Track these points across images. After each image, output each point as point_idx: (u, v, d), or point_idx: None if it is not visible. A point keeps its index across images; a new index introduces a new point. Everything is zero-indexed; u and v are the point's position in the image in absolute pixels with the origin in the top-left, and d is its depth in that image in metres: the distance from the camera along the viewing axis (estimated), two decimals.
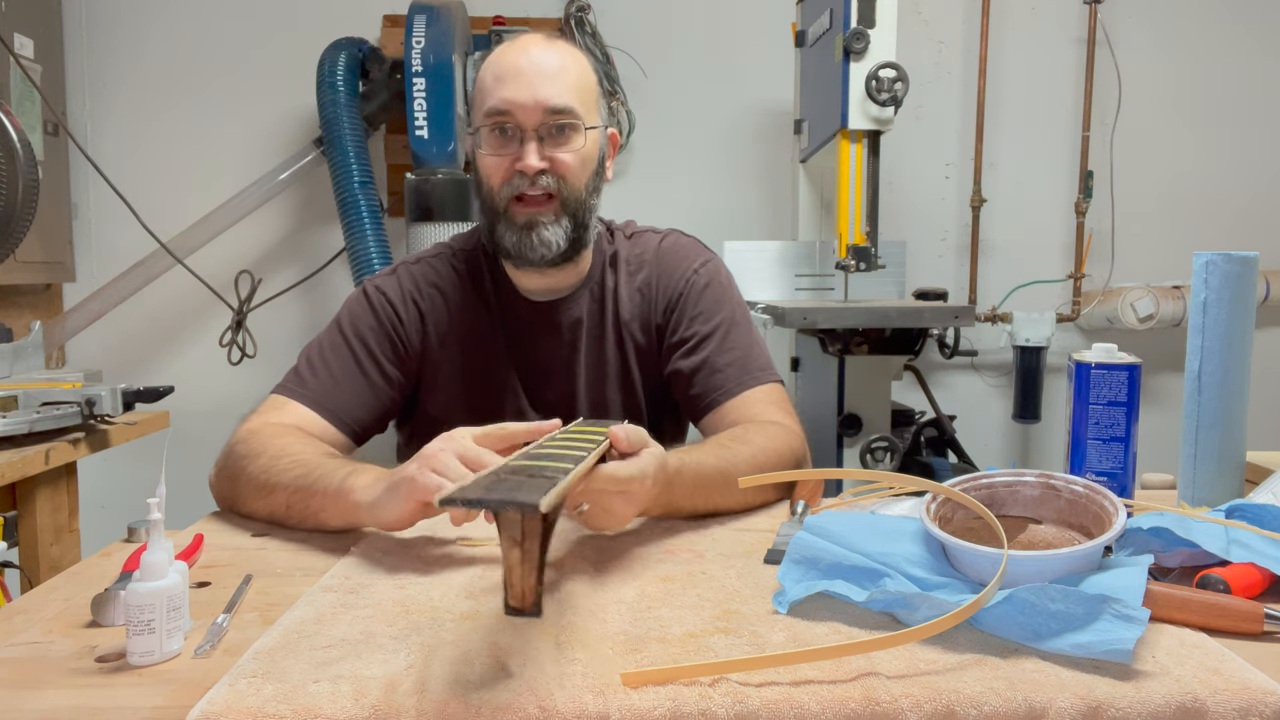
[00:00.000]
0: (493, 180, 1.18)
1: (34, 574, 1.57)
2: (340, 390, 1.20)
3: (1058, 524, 0.84)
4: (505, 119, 1.15)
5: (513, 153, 1.16)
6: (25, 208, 1.64)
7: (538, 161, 1.15)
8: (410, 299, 1.27)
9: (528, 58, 1.16)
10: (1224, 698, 0.62)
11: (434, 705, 0.60)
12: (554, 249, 1.19)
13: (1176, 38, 2.83)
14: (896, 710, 0.61)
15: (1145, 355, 1.09)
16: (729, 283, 1.33)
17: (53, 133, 2.50)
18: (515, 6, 2.71)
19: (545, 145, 1.16)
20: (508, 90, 1.15)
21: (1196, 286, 1.02)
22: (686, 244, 1.34)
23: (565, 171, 1.17)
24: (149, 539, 0.70)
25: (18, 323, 2.45)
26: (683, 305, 1.28)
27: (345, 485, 0.95)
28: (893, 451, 2.16)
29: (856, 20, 2.06)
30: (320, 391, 1.19)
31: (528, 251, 1.18)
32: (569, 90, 1.16)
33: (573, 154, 1.17)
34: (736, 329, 1.26)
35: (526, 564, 0.66)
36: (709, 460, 1.03)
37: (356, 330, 1.24)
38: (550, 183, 1.17)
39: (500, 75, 1.16)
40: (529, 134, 1.15)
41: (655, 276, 1.30)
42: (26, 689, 0.65)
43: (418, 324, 1.26)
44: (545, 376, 1.28)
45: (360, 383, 1.22)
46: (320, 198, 2.70)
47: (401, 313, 1.26)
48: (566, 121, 1.16)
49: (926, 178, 2.86)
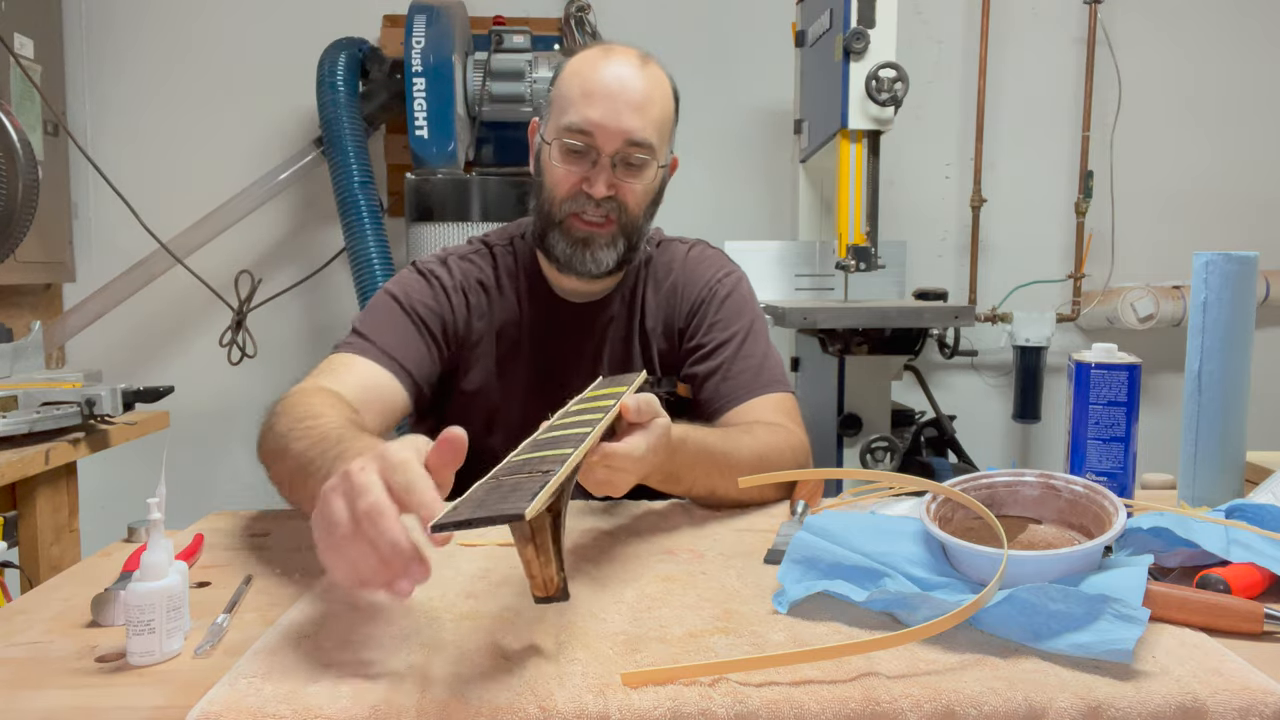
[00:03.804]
0: (557, 191, 1.19)
1: (34, 574, 1.57)
2: (402, 347, 1.19)
3: (1058, 524, 0.84)
4: (585, 139, 1.15)
5: (583, 172, 1.16)
6: (25, 208, 1.64)
7: (606, 190, 1.16)
8: (460, 289, 1.27)
9: (619, 81, 1.15)
10: (1224, 698, 0.62)
11: (434, 705, 0.60)
12: (604, 267, 1.21)
13: (1176, 38, 2.83)
14: (896, 710, 0.61)
15: (1145, 355, 1.09)
16: (750, 295, 1.35)
17: (53, 133, 2.50)
18: (515, 6, 2.71)
19: (616, 173, 1.17)
20: (595, 111, 1.14)
21: (1196, 286, 1.02)
22: (713, 255, 1.37)
23: (629, 200, 1.18)
24: (149, 539, 0.70)
25: (18, 323, 2.45)
26: (704, 312, 1.30)
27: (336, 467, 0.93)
28: (893, 451, 2.16)
29: (856, 20, 2.06)
30: (384, 345, 1.17)
31: (578, 265, 1.20)
32: (652, 124, 1.16)
33: (641, 186, 1.18)
34: (753, 339, 1.28)
35: (543, 556, 0.65)
36: (712, 439, 1.04)
37: (410, 299, 1.23)
38: (612, 208, 1.18)
39: (589, 91, 1.15)
40: (604, 159, 1.15)
41: (680, 283, 1.32)
42: (26, 689, 0.65)
43: (465, 314, 1.27)
44: (570, 376, 1.29)
45: (419, 343, 1.21)
46: (320, 198, 2.70)
47: (454, 300, 1.26)
48: (643, 157, 1.16)
49: (926, 178, 2.86)
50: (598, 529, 0.99)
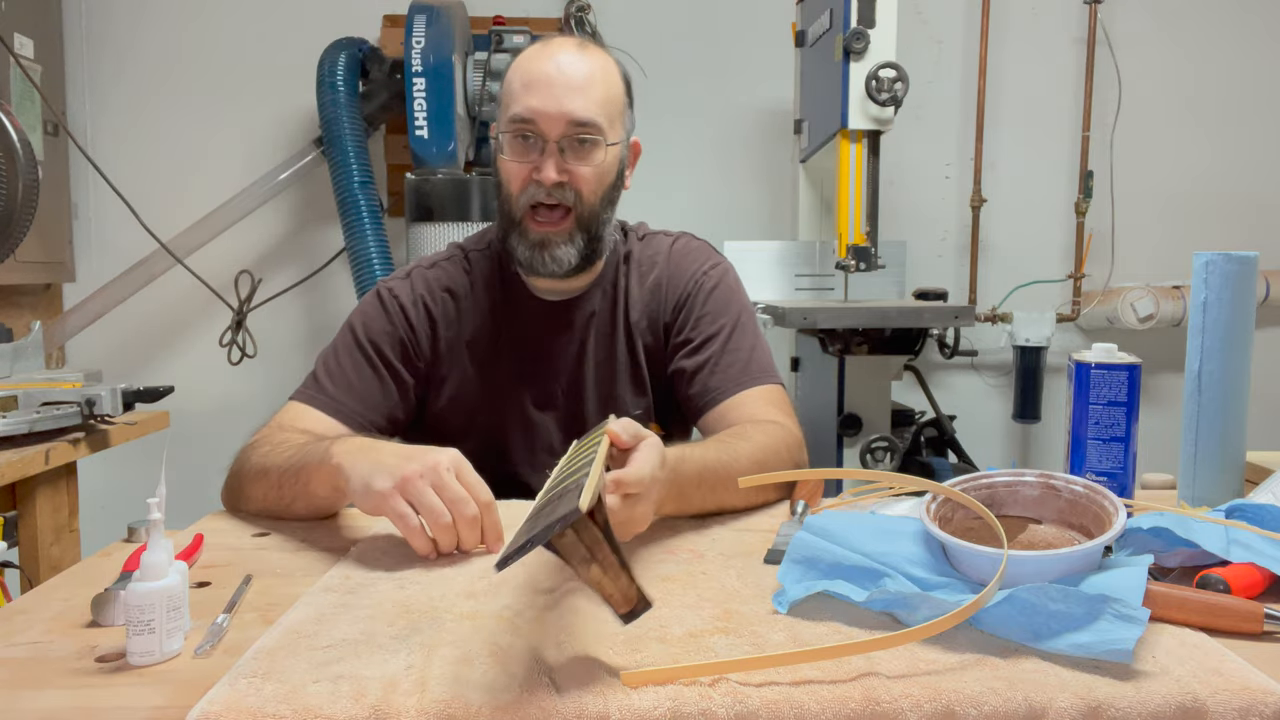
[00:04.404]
0: (511, 186, 1.20)
1: (34, 574, 1.57)
2: (356, 394, 1.22)
3: (1058, 524, 0.84)
4: (528, 127, 1.16)
5: (533, 161, 1.17)
6: (25, 208, 1.64)
7: (556, 175, 1.16)
8: (421, 302, 1.28)
9: (557, 66, 1.16)
10: (1224, 698, 0.62)
11: (434, 705, 0.60)
12: (565, 266, 1.21)
13: (1176, 38, 2.83)
14: (896, 710, 0.61)
15: (1145, 355, 1.09)
16: (737, 286, 1.34)
17: (53, 133, 2.50)
18: (515, 6, 2.71)
19: (566, 157, 1.17)
20: (534, 99, 1.15)
21: (1196, 286, 1.02)
22: (698, 247, 1.36)
23: (582, 186, 1.18)
24: (149, 539, 0.70)
25: (18, 323, 2.45)
26: (690, 305, 1.29)
27: (329, 451, 0.97)
28: (893, 451, 2.16)
29: (856, 20, 2.06)
30: (338, 396, 1.21)
31: (539, 267, 1.21)
32: (595, 104, 1.17)
33: (591, 168, 1.18)
34: (740, 331, 1.28)
35: (610, 573, 0.65)
36: (710, 454, 1.03)
37: (369, 333, 1.26)
38: (566, 195, 1.18)
39: (528, 82, 1.16)
40: (550, 145, 1.16)
41: (666, 277, 1.31)
42: (26, 689, 0.65)
43: (427, 328, 1.27)
44: (554, 374, 1.29)
45: (374, 385, 1.23)
46: (320, 198, 2.70)
47: (412, 316, 1.27)
48: (589, 136, 1.17)
49: (926, 178, 2.86)
50: None
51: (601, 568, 0.65)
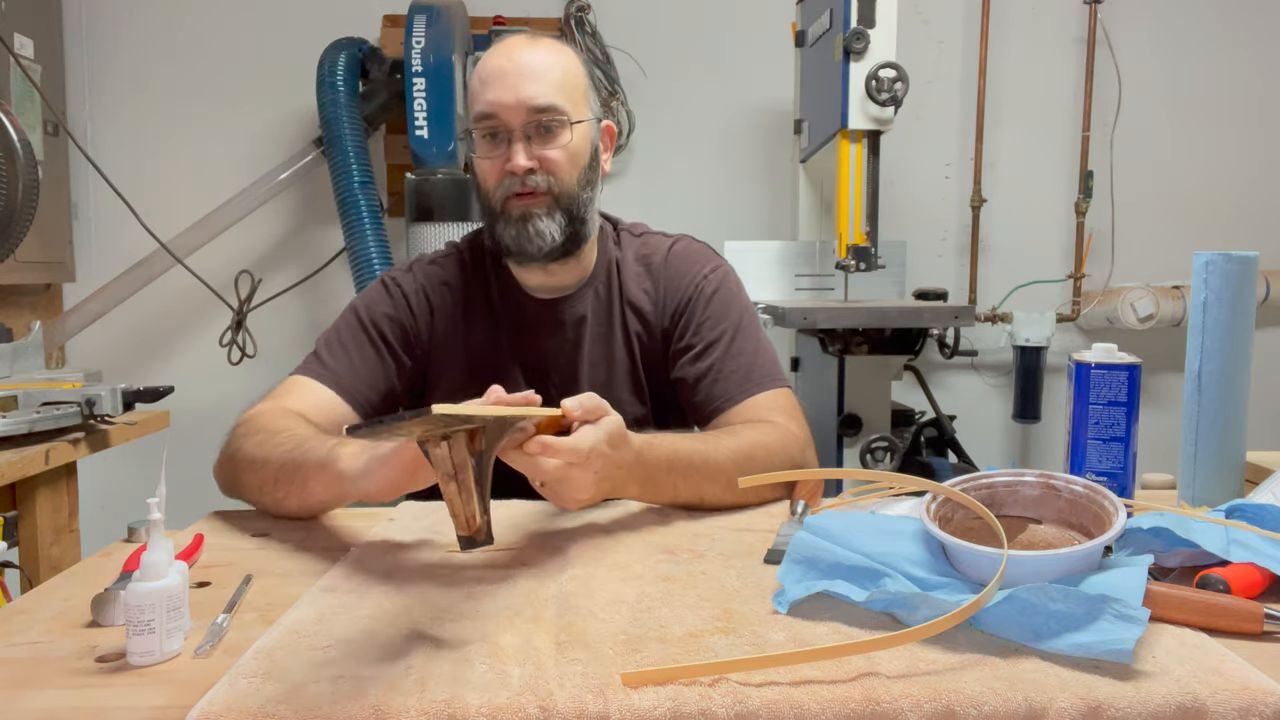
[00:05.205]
0: (488, 182, 1.21)
1: (34, 574, 1.57)
2: (356, 370, 1.24)
3: (1058, 524, 0.84)
4: (493, 122, 1.17)
5: (503, 154, 1.18)
6: (25, 208, 1.64)
7: (526, 161, 1.17)
8: (422, 292, 1.30)
9: (510, 59, 1.18)
10: (1224, 698, 0.62)
11: (434, 705, 0.60)
12: (549, 240, 1.20)
13: (1176, 38, 2.83)
14: (896, 710, 0.61)
15: (1145, 355, 1.09)
16: (738, 289, 1.33)
17: (53, 133, 2.50)
18: (515, 6, 2.71)
19: (534, 144, 1.18)
20: (492, 93, 1.17)
21: (1196, 286, 1.02)
22: (697, 249, 1.35)
23: (554, 169, 1.19)
24: (149, 539, 0.70)
25: (18, 323, 2.45)
26: (690, 311, 1.28)
27: (331, 454, 0.97)
28: (893, 451, 2.16)
29: (856, 20, 2.06)
30: (338, 370, 1.23)
31: (525, 244, 1.20)
32: (552, 87, 1.17)
33: (560, 150, 1.19)
34: (743, 335, 1.26)
35: (464, 494, 0.71)
36: (685, 443, 1.04)
37: (371, 315, 1.28)
38: (541, 181, 1.19)
39: (485, 79, 1.18)
40: (516, 134, 1.17)
41: (664, 281, 1.31)
42: (26, 689, 0.65)
43: (427, 317, 1.29)
44: (548, 373, 1.29)
45: (375, 363, 1.26)
46: (320, 198, 2.70)
47: (414, 304, 1.29)
48: (552, 119, 1.17)
49: (926, 178, 2.86)
50: (597, 529, 0.99)
51: (458, 486, 0.72)
